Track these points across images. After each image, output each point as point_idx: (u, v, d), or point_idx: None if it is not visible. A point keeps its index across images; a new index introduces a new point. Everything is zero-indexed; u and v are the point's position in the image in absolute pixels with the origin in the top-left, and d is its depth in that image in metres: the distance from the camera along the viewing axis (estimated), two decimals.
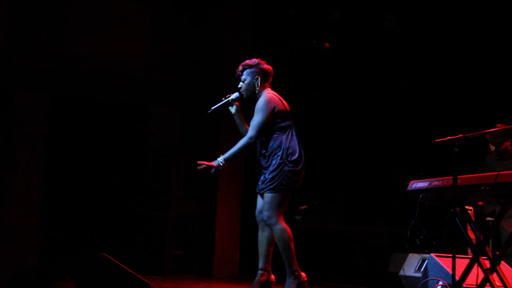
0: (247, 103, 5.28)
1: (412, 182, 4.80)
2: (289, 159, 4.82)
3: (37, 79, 7.81)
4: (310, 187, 9.09)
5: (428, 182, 4.64)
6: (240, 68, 5.08)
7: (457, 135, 4.38)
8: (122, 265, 4.34)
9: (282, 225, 4.81)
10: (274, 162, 4.83)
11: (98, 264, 4.39)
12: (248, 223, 7.59)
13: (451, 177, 4.32)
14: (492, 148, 6.25)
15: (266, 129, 4.88)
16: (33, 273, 4.80)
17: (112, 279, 4.32)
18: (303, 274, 4.87)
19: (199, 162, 4.94)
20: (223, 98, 5.10)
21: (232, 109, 5.09)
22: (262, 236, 4.98)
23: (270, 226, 4.84)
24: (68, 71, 7.90)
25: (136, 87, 8.16)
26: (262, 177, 4.89)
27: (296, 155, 4.86)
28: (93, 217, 7.80)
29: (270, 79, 5.07)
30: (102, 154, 7.97)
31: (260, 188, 4.91)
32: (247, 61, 5.08)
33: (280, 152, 4.83)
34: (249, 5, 7.85)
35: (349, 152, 9.08)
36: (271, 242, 4.96)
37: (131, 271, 4.33)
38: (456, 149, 4.32)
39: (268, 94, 4.96)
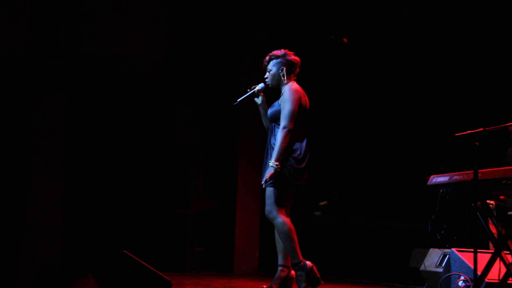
0: (272, 93, 5.23)
1: (432, 176, 4.77)
2: (292, 155, 4.79)
3: (57, 78, 7.87)
4: (330, 182, 9.07)
5: (448, 177, 4.61)
6: (267, 58, 5.04)
7: (478, 128, 4.34)
8: (143, 262, 4.36)
9: (282, 218, 4.78)
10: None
11: (119, 261, 4.41)
12: (268, 219, 7.59)
13: (472, 171, 4.28)
14: None
15: (294, 119, 4.82)
16: (55, 271, 4.84)
17: (133, 276, 4.34)
18: (308, 262, 4.83)
19: (263, 183, 4.83)
20: (248, 90, 5.05)
21: (258, 100, 5.05)
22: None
23: (271, 221, 4.83)
24: (87, 69, 7.95)
25: (155, 85, 8.19)
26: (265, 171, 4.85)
27: (300, 153, 4.81)
28: (113, 215, 7.85)
29: (297, 71, 5.03)
30: (122, 152, 8.02)
31: (262, 182, 4.86)
32: (274, 52, 5.04)
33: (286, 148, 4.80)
34: (266, 1, 7.85)
35: (369, 147, 9.05)
36: None
37: (151, 268, 4.35)
38: (477, 143, 4.29)
39: (293, 86, 4.93)
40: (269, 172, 4.76)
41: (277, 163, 4.73)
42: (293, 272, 4.97)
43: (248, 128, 7.71)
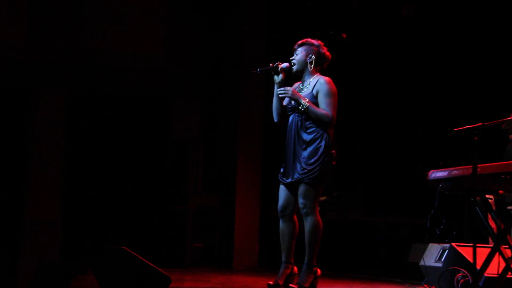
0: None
1: (431, 171, 4.77)
2: (329, 150, 4.78)
3: (55, 75, 7.85)
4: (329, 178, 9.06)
5: (447, 172, 4.61)
6: (300, 42, 4.98)
7: (477, 123, 4.34)
8: (142, 258, 4.36)
9: (318, 218, 4.77)
10: (315, 151, 4.77)
11: (118, 258, 4.41)
12: (267, 215, 7.60)
13: (471, 166, 4.28)
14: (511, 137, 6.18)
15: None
16: (54, 267, 4.84)
17: (132, 272, 4.34)
18: (319, 270, 4.87)
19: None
20: (271, 64, 4.96)
21: (277, 78, 4.94)
22: (286, 230, 4.93)
23: (306, 215, 4.77)
24: (86, 66, 7.94)
25: (154, 81, 8.18)
26: (298, 166, 4.80)
27: (334, 149, 4.83)
28: (113, 211, 7.84)
29: (325, 66, 4.99)
30: (121, 149, 8.01)
31: (296, 177, 4.81)
32: (310, 39, 4.99)
33: (323, 143, 4.77)
34: None
35: (368, 142, 9.04)
36: (294, 235, 4.93)
37: (151, 264, 4.35)
38: (476, 138, 4.29)
39: (329, 79, 4.88)
40: (300, 95, 4.78)
41: (307, 104, 4.75)
42: (295, 268, 4.97)
43: (247, 123, 7.70)
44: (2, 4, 7.71)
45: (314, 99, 4.84)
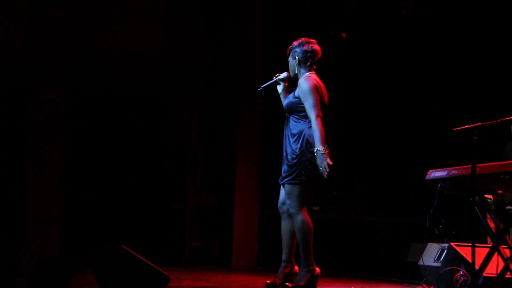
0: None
1: (430, 171, 4.77)
2: (308, 149, 4.76)
3: (55, 74, 7.86)
4: (328, 177, 9.06)
5: (446, 171, 4.61)
6: (288, 50, 5.03)
7: (476, 123, 4.34)
8: (141, 257, 4.36)
9: (303, 216, 4.77)
10: (294, 149, 4.78)
11: (117, 257, 4.40)
12: (266, 214, 7.60)
13: (470, 165, 4.28)
14: None
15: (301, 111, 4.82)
16: (53, 266, 4.84)
17: (131, 271, 4.34)
18: (317, 269, 4.85)
19: (322, 172, 4.72)
20: (274, 77, 5.07)
21: (279, 88, 5.08)
22: (286, 227, 4.93)
23: (291, 215, 4.82)
24: (86, 65, 7.94)
25: (153, 80, 8.18)
26: (284, 167, 4.85)
27: (315, 147, 4.75)
28: (112, 210, 7.85)
29: (315, 60, 4.97)
30: (120, 147, 8.01)
31: (281, 178, 4.88)
32: (294, 42, 5.01)
33: (300, 141, 4.78)
34: None
35: (368, 142, 9.04)
36: (294, 233, 4.93)
37: (149, 263, 4.35)
38: (475, 138, 4.28)
39: (308, 77, 4.88)
40: (324, 161, 4.67)
41: (323, 147, 4.67)
42: (296, 267, 4.96)
43: (246, 123, 7.71)
44: (1, 2, 7.71)
45: (295, 99, 4.87)
